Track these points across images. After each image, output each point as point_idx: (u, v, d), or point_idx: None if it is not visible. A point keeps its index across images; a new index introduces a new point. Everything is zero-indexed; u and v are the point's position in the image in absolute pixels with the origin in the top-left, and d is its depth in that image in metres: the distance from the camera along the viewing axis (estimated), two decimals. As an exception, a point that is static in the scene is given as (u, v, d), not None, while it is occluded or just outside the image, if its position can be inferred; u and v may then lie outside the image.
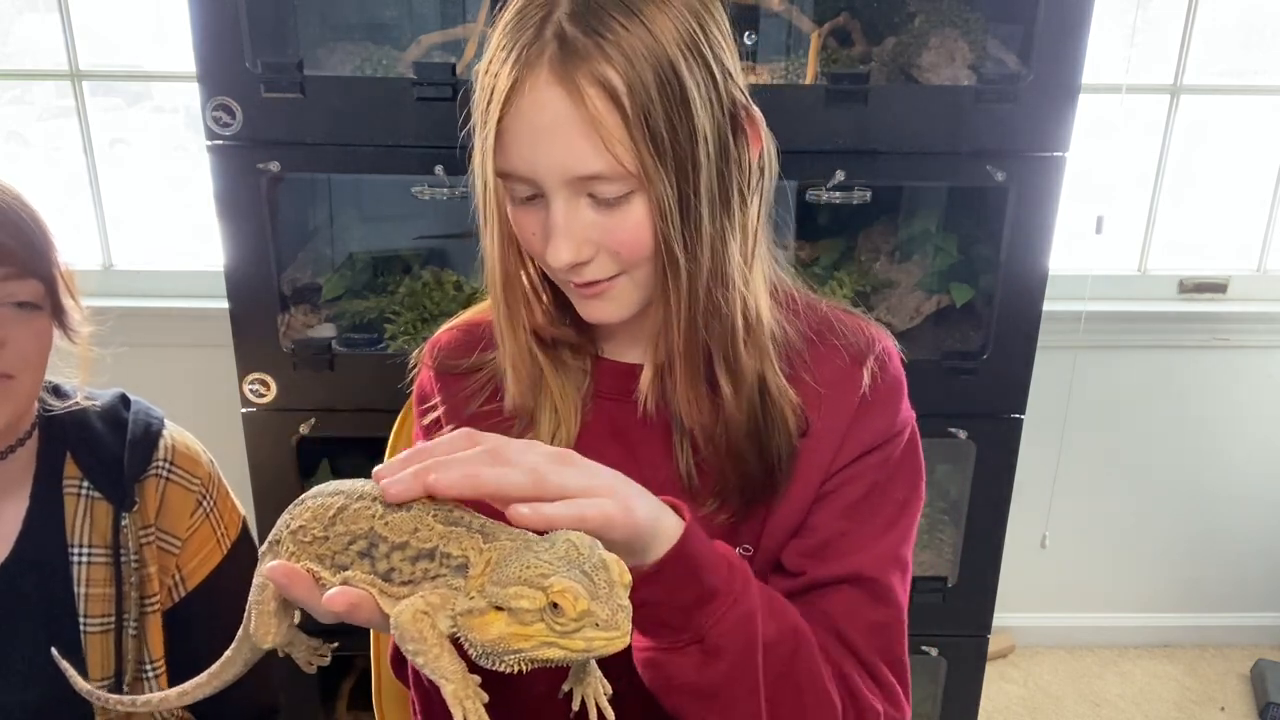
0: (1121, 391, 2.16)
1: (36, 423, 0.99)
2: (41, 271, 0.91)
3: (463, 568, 0.56)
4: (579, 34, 0.69)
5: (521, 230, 0.78)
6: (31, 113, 2.15)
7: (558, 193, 0.73)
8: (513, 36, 0.72)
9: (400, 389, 1.05)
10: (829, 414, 0.84)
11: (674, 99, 0.70)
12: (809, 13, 1.51)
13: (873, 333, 0.88)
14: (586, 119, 0.69)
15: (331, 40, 1.56)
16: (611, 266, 0.76)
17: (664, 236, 0.73)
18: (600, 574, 0.54)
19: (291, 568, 0.62)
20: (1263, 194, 2.15)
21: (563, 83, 0.69)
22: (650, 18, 0.70)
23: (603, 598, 0.53)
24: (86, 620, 0.96)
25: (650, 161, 0.70)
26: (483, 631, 0.55)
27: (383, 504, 0.60)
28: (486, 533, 0.58)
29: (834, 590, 0.83)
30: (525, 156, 0.72)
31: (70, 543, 0.96)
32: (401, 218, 1.73)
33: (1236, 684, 2.23)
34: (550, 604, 0.53)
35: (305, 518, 0.62)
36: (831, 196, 1.42)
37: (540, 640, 0.54)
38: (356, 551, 0.59)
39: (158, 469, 1.00)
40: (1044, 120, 1.38)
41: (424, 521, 0.58)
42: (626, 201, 0.73)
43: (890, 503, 0.86)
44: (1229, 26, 2.08)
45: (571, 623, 0.53)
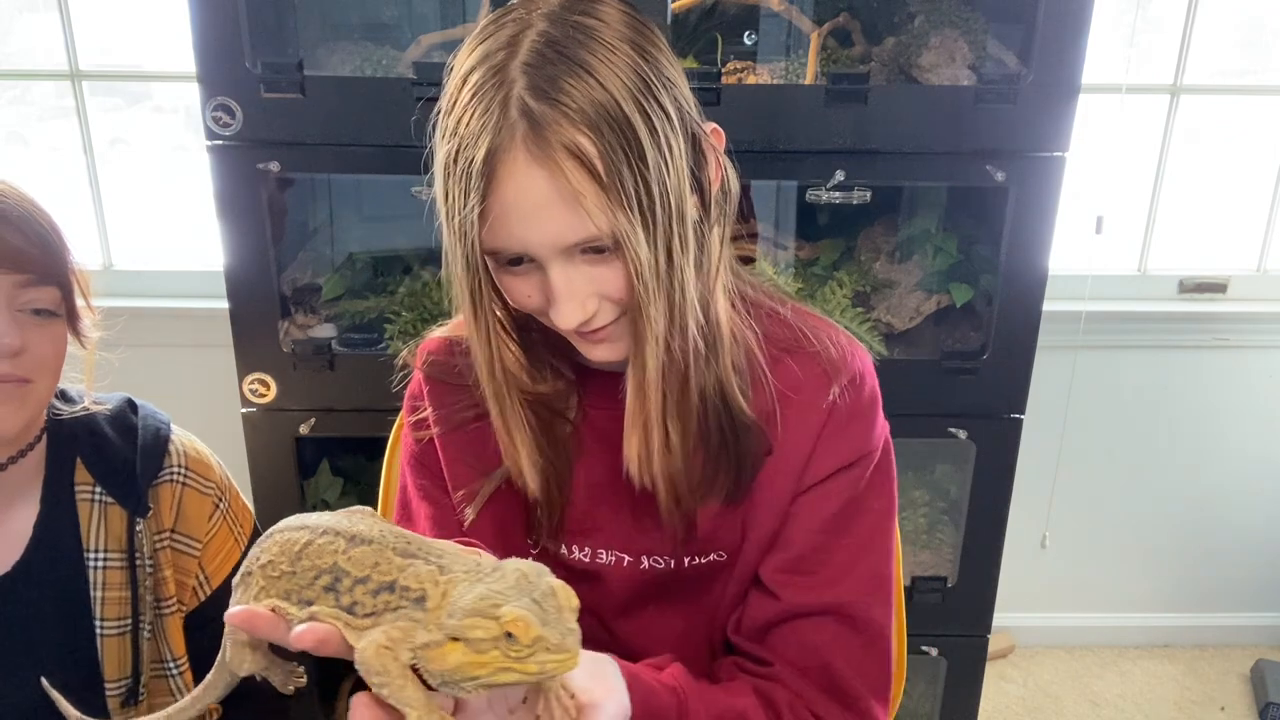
0: (1121, 391, 2.16)
1: (45, 428, 0.99)
2: (60, 278, 0.92)
3: (421, 600, 0.59)
4: (544, 108, 0.69)
5: (514, 294, 0.78)
6: (31, 113, 2.15)
7: (553, 260, 0.73)
8: (478, 122, 0.71)
9: (397, 390, 1.05)
10: (796, 427, 0.85)
11: (634, 153, 0.70)
12: (809, 13, 1.51)
13: (847, 347, 0.88)
14: (570, 193, 0.69)
15: (331, 40, 1.56)
16: (614, 311, 0.77)
17: (638, 288, 0.73)
18: (549, 600, 0.57)
19: (251, 611, 0.64)
20: (1263, 194, 2.15)
21: (541, 163, 0.69)
22: (597, 71, 0.70)
23: (552, 623, 0.57)
24: (103, 623, 0.97)
25: (623, 221, 0.71)
26: (441, 662, 0.57)
27: (346, 539, 0.62)
28: (443, 565, 0.61)
29: (818, 621, 0.84)
30: (516, 235, 0.72)
31: (86, 548, 0.97)
32: (401, 218, 1.73)
33: (1236, 684, 2.23)
34: (505, 633, 0.56)
35: (274, 552, 0.65)
36: (831, 196, 1.42)
37: (496, 667, 0.57)
38: (322, 586, 0.62)
39: (172, 475, 1.01)
40: (1044, 120, 1.38)
41: (384, 555, 0.61)
42: (618, 252, 0.73)
43: (868, 517, 0.87)
44: (1229, 26, 2.08)
45: (525, 649, 0.56)
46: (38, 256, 0.89)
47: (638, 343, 0.77)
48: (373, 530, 0.63)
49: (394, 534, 0.63)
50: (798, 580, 0.85)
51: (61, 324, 0.94)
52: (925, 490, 1.75)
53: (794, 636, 0.84)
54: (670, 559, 0.89)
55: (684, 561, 0.89)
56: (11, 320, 0.88)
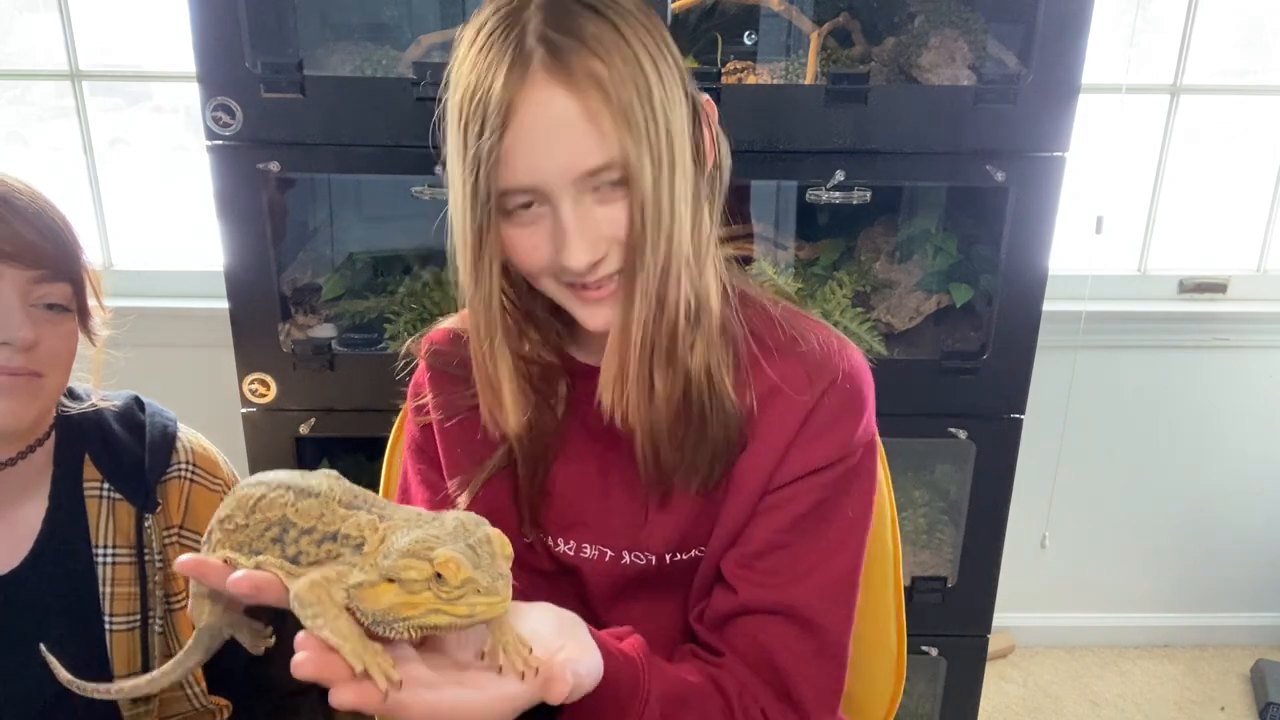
0: (1121, 391, 2.16)
1: (54, 424, 0.99)
2: (72, 274, 0.93)
3: (359, 546, 0.61)
4: (561, 36, 0.72)
5: (519, 248, 0.78)
6: (31, 113, 2.15)
7: (565, 195, 0.74)
8: (492, 52, 0.73)
9: (401, 389, 1.05)
10: (774, 425, 0.84)
11: (645, 95, 0.73)
12: (809, 13, 1.51)
13: (836, 349, 0.87)
14: (587, 112, 0.71)
15: (331, 40, 1.56)
16: (619, 258, 0.77)
17: (640, 226, 0.75)
18: (484, 547, 0.59)
19: (200, 559, 0.65)
20: (1263, 194, 2.15)
21: (561, 82, 0.71)
22: (621, 24, 0.73)
23: (485, 568, 0.58)
24: (112, 619, 0.97)
25: (632, 151, 0.73)
26: (374, 602, 0.58)
27: (295, 492, 0.64)
28: (385, 515, 0.62)
29: (770, 620, 0.83)
30: (529, 165, 0.73)
31: (95, 544, 0.97)
32: (401, 218, 1.73)
33: (1236, 684, 2.23)
34: (435, 574, 0.57)
35: (231, 507, 0.67)
36: (831, 196, 1.42)
37: (427, 608, 0.57)
38: (270, 538, 0.63)
39: (180, 471, 1.01)
40: (1044, 120, 1.38)
41: (329, 506, 0.63)
42: (624, 191, 0.75)
43: (837, 522, 0.86)
44: (1229, 26, 2.08)
45: (455, 590, 0.57)
46: (51, 252, 0.90)
47: (628, 282, 0.77)
48: (323, 485, 0.64)
49: (344, 489, 0.64)
50: (755, 577, 0.84)
51: (73, 320, 0.94)
52: (925, 490, 1.75)
53: (747, 632, 0.83)
54: (652, 555, 0.89)
55: (665, 558, 0.89)
56: (25, 315, 0.89)
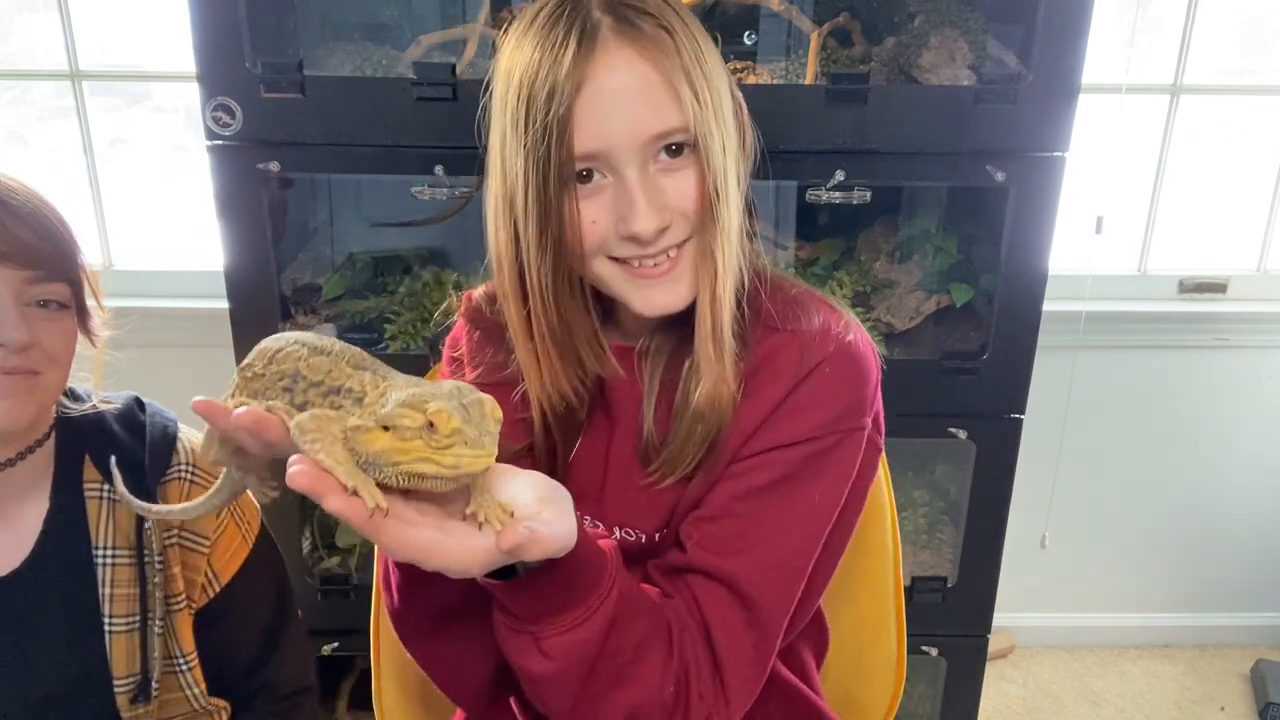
0: (1121, 391, 2.16)
1: (54, 424, 0.99)
2: (70, 274, 0.93)
3: (360, 400, 0.65)
4: (626, 8, 0.75)
5: (580, 221, 0.78)
6: (31, 113, 2.15)
7: (630, 162, 0.76)
8: (555, 31, 0.74)
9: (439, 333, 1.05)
10: (755, 397, 0.85)
11: (708, 69, 0.76)
12: (809, 13, 1.51)
13: (837, 330, 0.87)
14: (661, 75, 0.74)
15: (331, 40, 1.56)
16: (685, 228, 0.79)
17: (712, 193, 0.77)
18: (475, 407, 0.62)
19: (210, 402, 0.67)
20: (1263, 194, 2.15)
21: (632, 43, 0.74)
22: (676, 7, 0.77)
23: (474, 423, 0.61)
24: (112, 620, 0.97)
25: (702, 116, 0.75)
26: (368, 445, 0.62)
27: (309, 349, 0.68)
28: (387, 376, 0.66)
29: (709, 583, 0.83)
30: (599, 130, 0.74)
31: (95, 544, 0.97)
32: (401, 218, 1.73)
33: (1236, 684, 2.23)
34: (427, 423, 0.60)
35: (253, 355, 0.71)
36: (831, 196, 1.42)
37: (417, 455, 0.61)
38: (281, 387, 0.67)
39: (180, 473, 1.01)
40: (1044, 120, 1.38)
41: (338, 364, 0.67)
42: (691, 160, 0.77)
43: (800, 503, 0.84)
44: (1229, 26, 2.08)
45: (444, 439, 0.60)
46: (47, 252, 0.90)
47: (705, 246, 0.79)
48: (336, 346, 0.68)
49: (355, 353, 0.68)
50: (704, 540, 0.84)
51: (70, 318, 0.94)
52: (925, 490, 1.75)
53: (689, 588, 0.83)
54: (642, 534, 0.90)
55: (655, 536, 0.90)
56: (19, 315, 0.88)
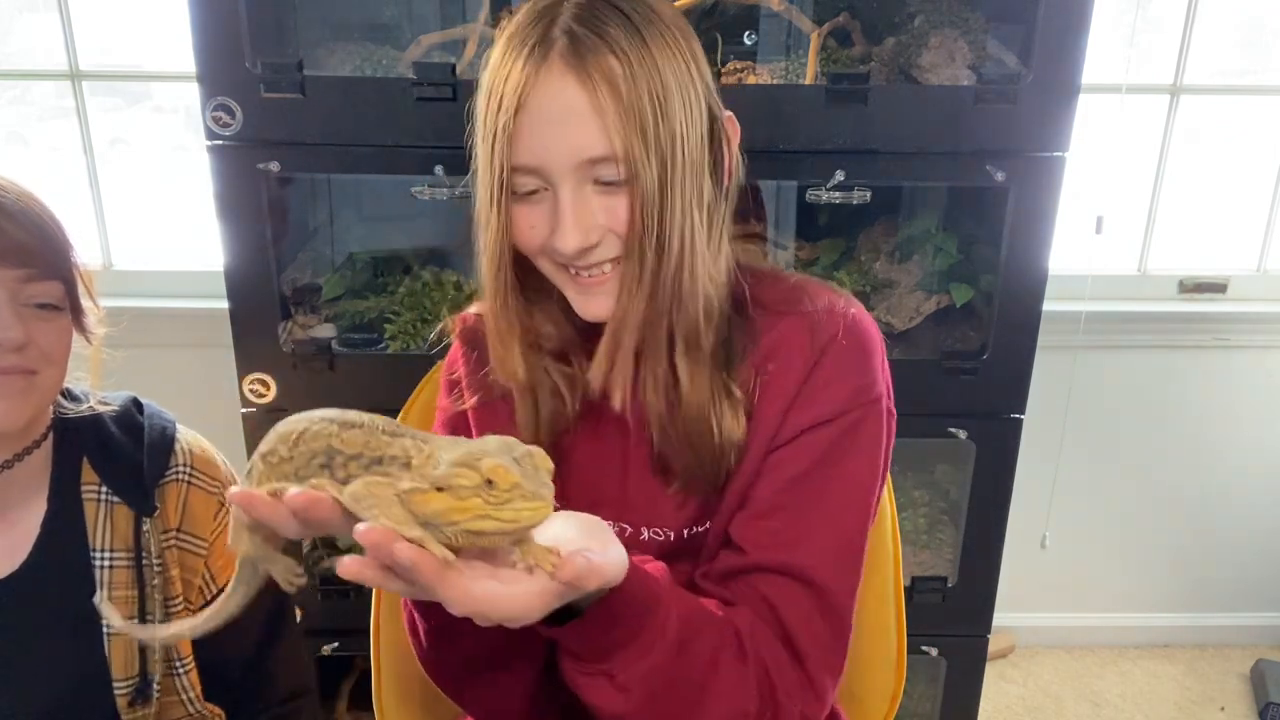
0: (1121, 391, 2.16)
1: (51, 426, 0.99)
2: (63, 272, 0.93)
3: (407, 465, 0.64)
4: (586, 32, 0.76)
5: (519, 226, 0.82)
6: (31, 113, 2.15)
7: (565, 180, 0.78)
8: (521, 40, 0.78)
9: (401, 389, 1.05)
10: (775, 386, 0.86)
11: (659, 100, 0.77)
12: (809, 13, 1.51)
13: (841, 307, 0.88)
14: (594, 105, 0.76)
15: (331, 40, 1.56)
16: (615, 248, 0.81)
17: (640, 223, 0.78)
18: (527, 460, 0.63)
19: (249, 492, 0.66)
20: (1263, 194, 2.15)
21: (574, 71, 0.76)
22: (648, 36, 0.78)
23: (529, 476, 0.61)
24: (110, 626, 0.97)
25: (638, 150, 0.76)
26: (424, 506, 0.61)
27: (339, 424, 0.66)
28: (428, 440, 0.66)
29: (777, 579, 0.83)
30: (536, 147, 0.77)
31: (92, 547, 0.97)
32: (401, 218, 1.73)
33: (1236, 684, 2.23)
34: (485, 480, 0.60)
35: (273, 442, 0.68)
36: (831, 196, 1.42)
37: (475, 513, 0.61)
38: (318, 465, 0.66)
39: (178, 474, 1.01)
40: (1044, 120, 1.38)
41: (374, 435, 0.65)
42: (626, 186, 0.78)
43: (840, 480, 0.85)
44: (1229, 26, 2.08)
45: (503, 494, 0.60)
46: (40, 251, 0.90)
47: (625, 274, 0.81)
48: (364, 417, 0.67)
49: (385, 421, 0.67)
50: (762, 538, 0.84)
51: (66, 318, 0.94)
52: (925, 490, 1.75)
53: (753, 586, 0.83)
54: (670, 531, 0.91)
55: (683, 533, 0.90)
56: (14, 315, 0.88)
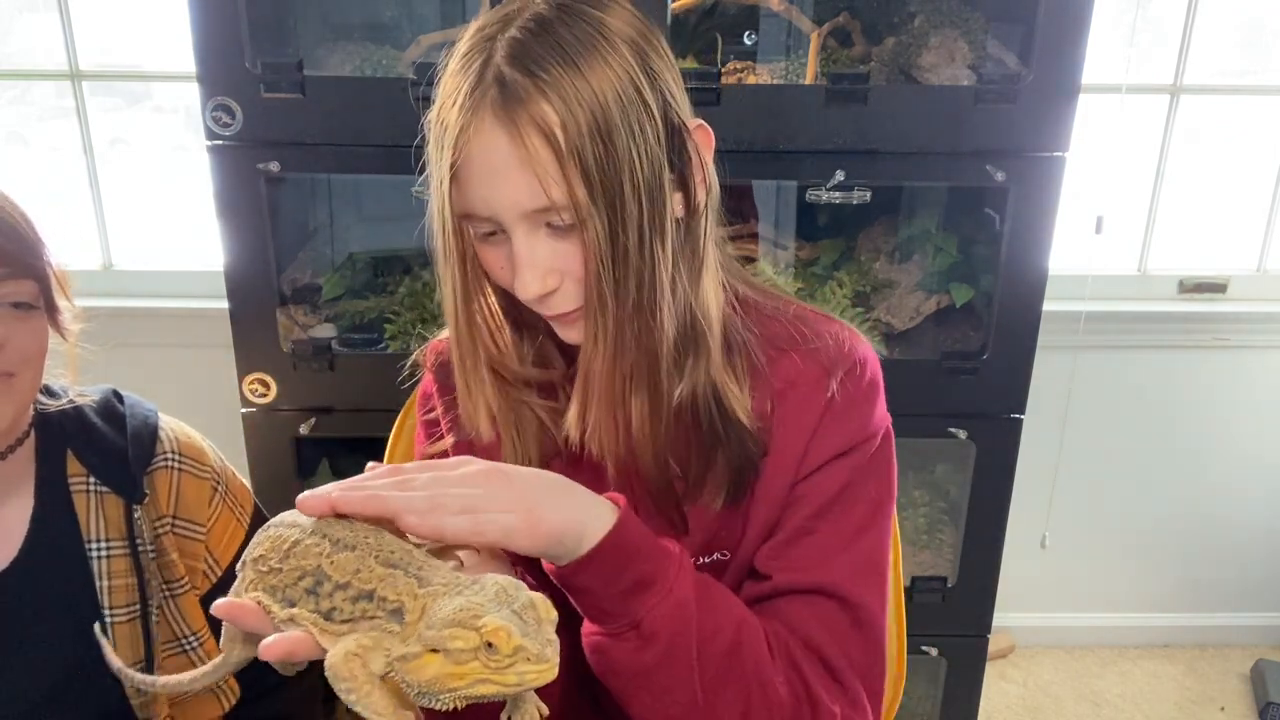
0: (1121, 391, 2.16)
1: (33, 422, 0.99)
2: (36, 271, 0.92)
3: (398, 612, 0.60)
4: (517, 75, 0.72)
5: (490, 265, 0.80)
6: (31, 113, 2.15)
7: (517, 227, 0.75)
8: (457, 83, 0.74)
9: (401, 389, 1.05)
10: (793, 422, 0.85)
11: (604, 141, 0.72)
12: (809, 13, 1.51)
13: (846, 339, 0.88)
14: (526, 158, 0.72)
15: (331, 40, 1.56)
16: (576, 292, 0.78)
17: (595, 269, 0.75)
18: (529, 613, 0.58)
19: (235, 604, 0.66)
20: (1263, 194, 2.15)
21: (504, 125, 0.72)
22: (587, 65, 0.72)
23: (532, 634, 0.57)
24: (112, 611, 0.97)
25: (582, 197, 0.72)
26: (419, 673, 0.58)
27: (331, 542, 0.63)
28: (422, 578, 0.61)
29: (802, 599, 0.83)
30: (481, 196, 0.75)
31: (87, 538, 0.97)
32: (401, 218, 1.73)
33: (1236, 684, 2.23)
34: (485, 643, 0.56)
35: (266, 547, 0.66)
36: (831, 196, 1.42)
37: (475, 678, 0.57)
38: (304, 588, 0.63)
39: (166, 461, 1.01)
40: (1044, 120, 1.38)
41: (365, 563, 0.62)
42: (580, 229, 0.75)
43: (863, 503, 0.86)
44: (1229, 26, 2.08)
45: (505, 659, 0.56)
46: (11, 250, 0.89)
47: (589, 320, 0.78)
48: (358, 537, 0.64)
49: (379, 543, 0.64)
50: (788, 564, 0.84)
51: (41, 317, 0.93)
52: (925, 490, 1.75)
53: (782, 612, 0.83)
54: None
55: (698, 559, 0.89)
56: None
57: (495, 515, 0.67)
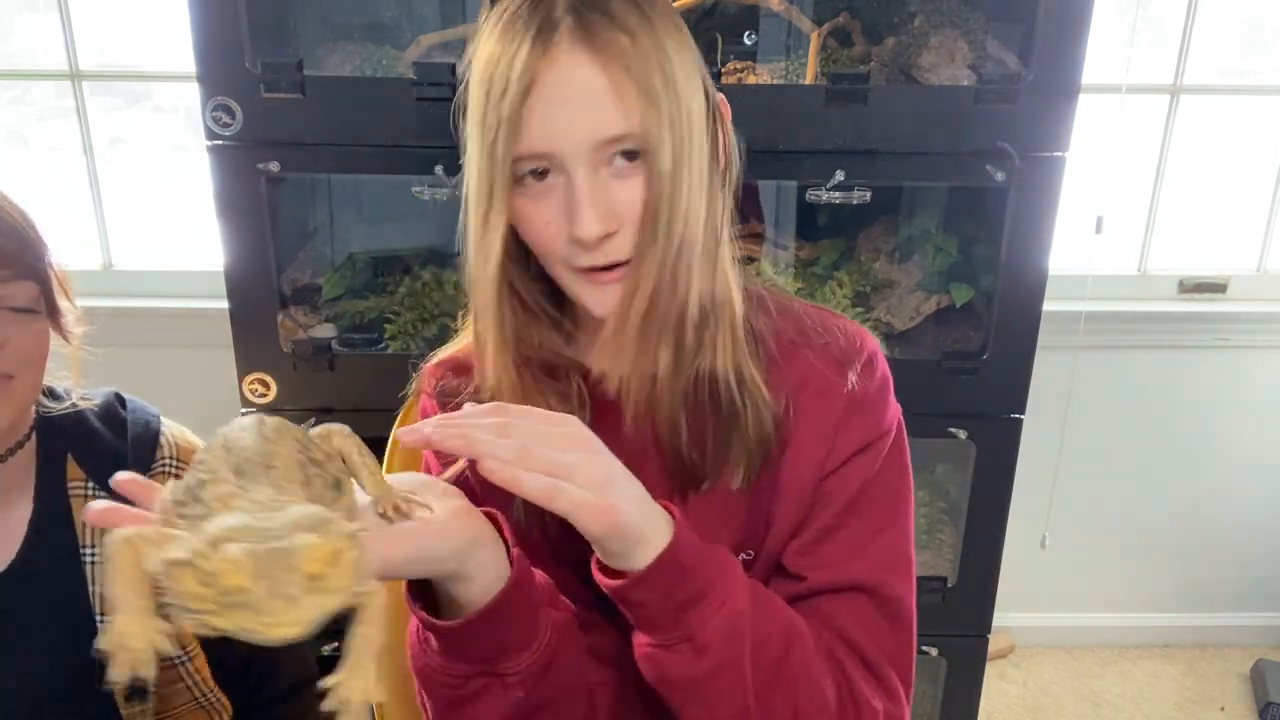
0: (1121, 391, 2.16)
1: (34, 425, 0.99)
2: (37, 273, 0.91)
3: (205, 518, 0.55)
4: (589, 11, 0.74)
5: (532, 221, 0.78)
6: (31, 113, 2.15)
7: (580, 164, 0.75)
8: (522, 25, 0.75)
9: (400, 393, 1.05)
10: (814, 417, 0.85)
11: (669, 75, 0.75)
12: (809, 13, 1.51)
13: (855, 333, 0.89)
14: (611, 82, 0.73)
15: (331, 40, 1.56)
16: (632, 239, 0.77)
17: (655, 198, 0.76)
18: (283, 557, 0.51)
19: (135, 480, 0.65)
20: (1263, 194, 2.15)
21: (586, 49, 0.73)
22: (649, 7, 0.76)
23: (267, 577, 0.50)
24: (105, 619, 0.96)
25: (654, 125, 0.74)
26: (178, 583, 0.52)
27: (225, 445, 0.60)
28: (246, 489, 0.56)
29: (836, 597, 0.84)
30: (548, 130, 0.74)
31: (82, 544, 0.97)
32: (401, 218, 1.73)
33: (1236, 684, 2.23)
34: (211, 571, 0.51)
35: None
36: (831, 196, 1.42)
37: (210, 605, 0.51)
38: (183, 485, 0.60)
39: (165, 466, 1.00)
40: (1044, 120, 1.38)
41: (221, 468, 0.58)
42: (640, 168, 0.76)
43: (885, 496, 0.87)
44: (1229, 26, 2.08)
45: (226, 597, 0.50)
46: (11, 252, 0.89)
47: (639, 255, 0.77)
48: (246, 440, 0.61)
49: (257, 450, 0.59)
50: (819, 561, 0.85)
51: (43, 320, 0.93)
52: (925, 490, 1.75)
53: (818, 610, 0.84)
54: None
55: None
56: None
57: (572, 488, 0.67)
